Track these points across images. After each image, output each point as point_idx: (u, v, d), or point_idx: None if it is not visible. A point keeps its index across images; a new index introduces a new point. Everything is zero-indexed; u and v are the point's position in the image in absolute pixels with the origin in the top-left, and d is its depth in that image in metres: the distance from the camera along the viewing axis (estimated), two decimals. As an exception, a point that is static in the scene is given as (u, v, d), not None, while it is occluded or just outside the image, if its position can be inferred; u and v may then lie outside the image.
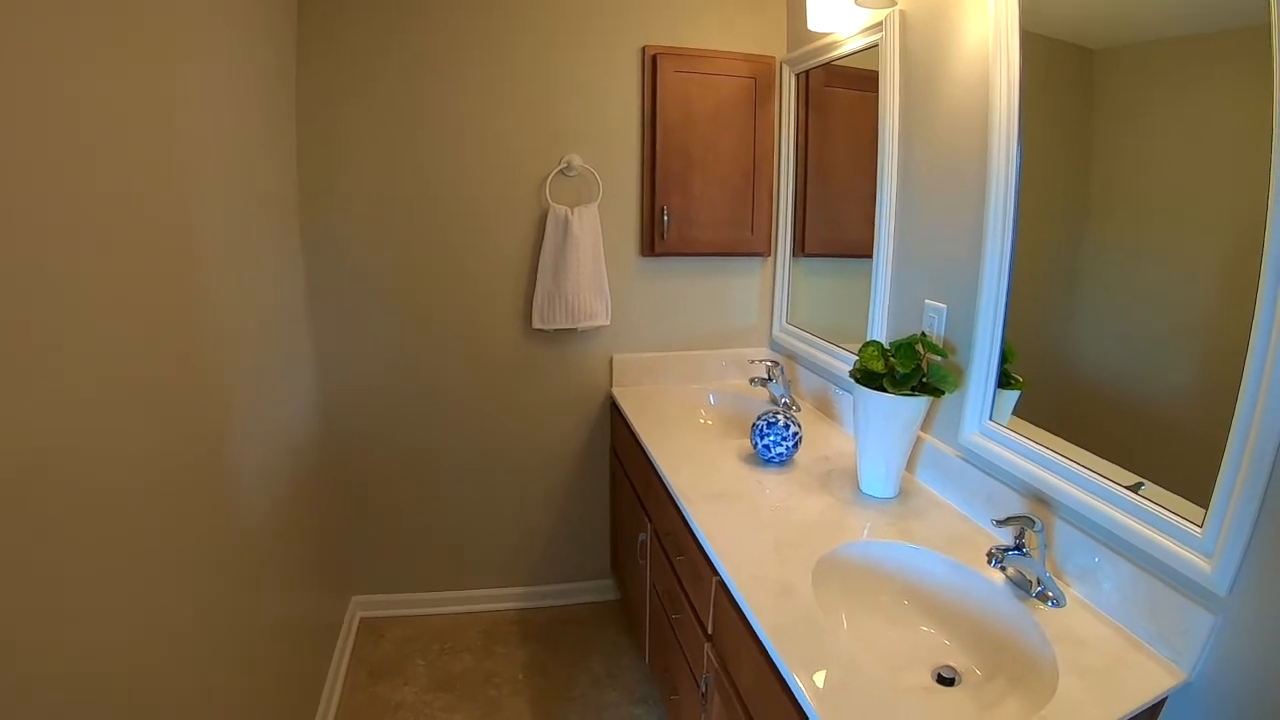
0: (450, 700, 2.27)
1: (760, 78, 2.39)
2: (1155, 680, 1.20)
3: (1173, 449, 1.35)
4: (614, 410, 2.52)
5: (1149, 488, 1.33)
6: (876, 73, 1.99)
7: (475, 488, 2.58)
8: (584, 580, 2.81)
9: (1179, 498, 1.27)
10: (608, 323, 2.40)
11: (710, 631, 1.60)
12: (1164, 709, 1.25)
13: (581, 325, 2.34)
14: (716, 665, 1.55)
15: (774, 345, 2.70)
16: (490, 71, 2.22)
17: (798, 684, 1.15)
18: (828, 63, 2.21)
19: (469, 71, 2.21)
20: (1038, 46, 1.50)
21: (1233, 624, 1.16)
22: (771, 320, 2.70)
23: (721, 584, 1.50)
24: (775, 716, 1.27)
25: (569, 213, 2.22)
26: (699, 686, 1.66)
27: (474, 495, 2.59)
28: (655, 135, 2.31)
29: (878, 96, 1.97)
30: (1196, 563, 1.19)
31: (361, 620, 2.61)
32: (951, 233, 1.76)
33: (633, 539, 2.30)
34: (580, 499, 2.70)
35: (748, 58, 2.38)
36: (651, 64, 2.27)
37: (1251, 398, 1.11)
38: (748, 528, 1.62)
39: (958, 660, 1.40)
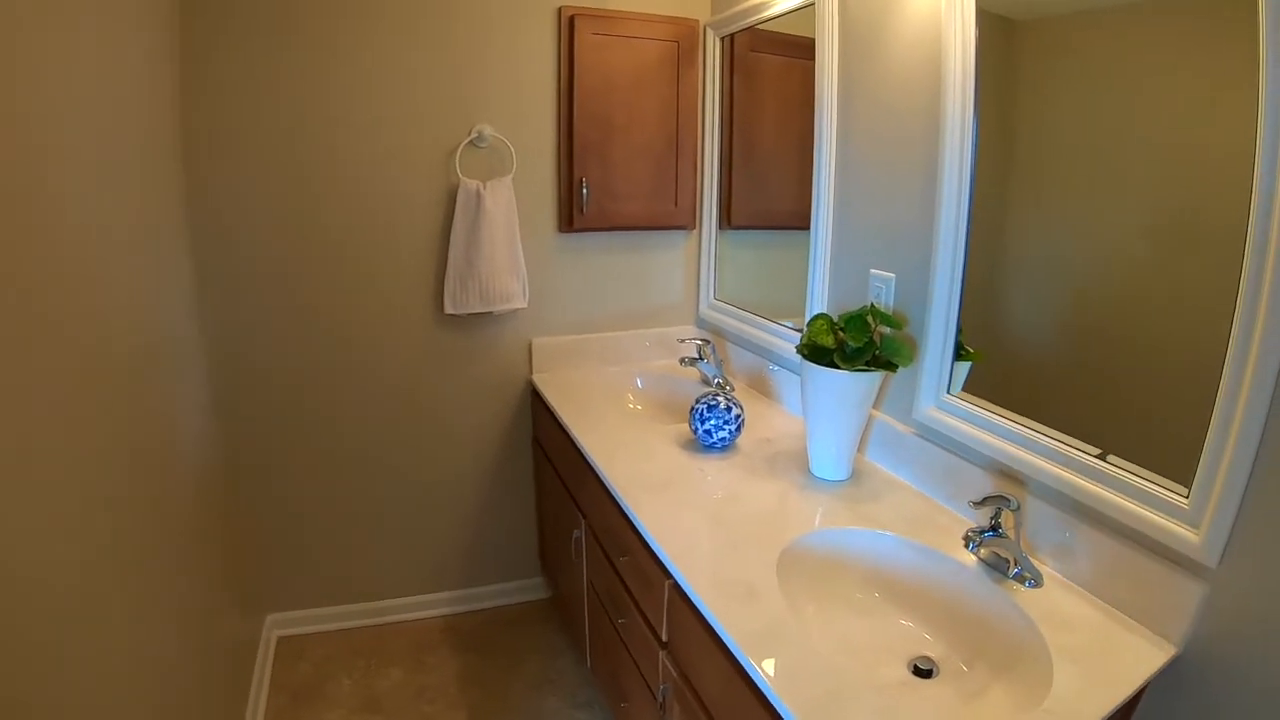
0: None
1: (683, 41, 2.25)
2: (1147, 658, 1.15)
3: (1132, 421, 1.30)
4: (535, 398, 2.35)
5: (1114, 460, 1.27)
6: (805, 38, 1.88)
7: (390, 489, 2.38)
8: (513, 580, 2.65)
9: (1142, 469, 1.22)
10: (525, 305, 2.23)
11: (665, 639, 1.46)
12: (1149, 685, 1.19)
13: (497, 308, 2.15)
14: (675, 675, 1.41)
15: (701, 322, 2.58)
16: (394, 40, 2.00)
17: (780, 700, 1.03)
18: (754, 25, 2.09)
19: (370, 39, 1.98)
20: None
21: (1223, 594, 1.12)
22: (698, 296, 2.57)
23: (676, 588, 1.37)
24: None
25: (481, 187, 2.02)
26: (655, 696, 1.53)
27: (390, 498, 2.39)
28: (573, 102, 2.14)
29: (807, 62, 1.86)
30: (1183, 533, 1.14)
31: (279, 640, 2.38)
32: (899, 198, 1.67)
33: (564, 535, 2.15)
34: (504, 494, 2.53)
35: (670, 20, 2.23)
36: (569, 26, 2.09)
37: (1240, 360, 1.05)
38: (698, 523, 1.49)
39: (935, 650, 1.32)
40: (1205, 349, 1.10)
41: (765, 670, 1.08)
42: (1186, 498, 1.14)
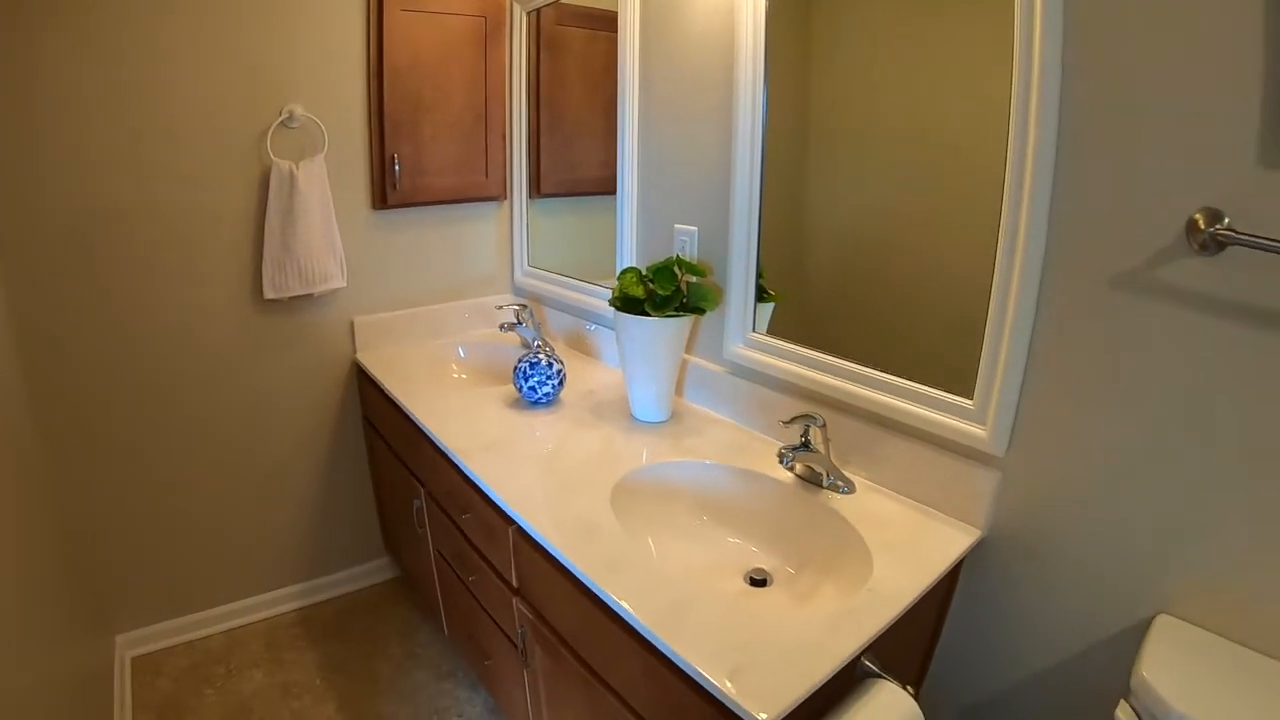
0: None
1: (491, 16, 2.29)
2: (956, 542, 1.35)
3: (918, 345, 1.51)
4: (362, 376, 2.34)
5: (907, 379, 1.47)
6: (608, 11, 1.98)
7: (224, 488, 2.29)
8: (360, 564, 2.63)
9: (930, 385, 1.43)
10: (344, 284, 2.20)
11: (516, 585, 1.54)
12: (962, 568, 1.42)
13: (317, 289, 2.12)
14: (530, 617, 1.50)
15: (517, 290, 2.65)
16: (193, 22, 1.89)
17: (632, 615, 1.14)
18: (567, 2, 2.16)
19: (166, 20, 1.86)
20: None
21: (1014, 478, 1.34)
22: (512, 264, 2.65)
23: (520, 532, 1.45)
24: (610, 651, 1.26)
25: (294, 168, 1.98)
26: (515, 644, 1.61)
27: (224, 496, 2.30)
28: (382, 80, 2.13)
29: (610, 34, 1.96)
30: (973, 430, 1.35)
31: (133, 660, 2.24)
32: (698, 157, 1.81)
33: (404, 509, 2.17)
34: (340, 478, 2.50)
35: None
36: (378, 4, 2.08)
37: (1004, 286, 1.26)
38: (532, 472, 1.58)
39: (766, 562, 1.47)
40: (977, 279, 1.30)
41: (614, 592, 1.18)
42: (971, 399, 1.35)
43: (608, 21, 1.99)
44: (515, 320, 2.36)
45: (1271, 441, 1.02)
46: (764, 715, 0.94)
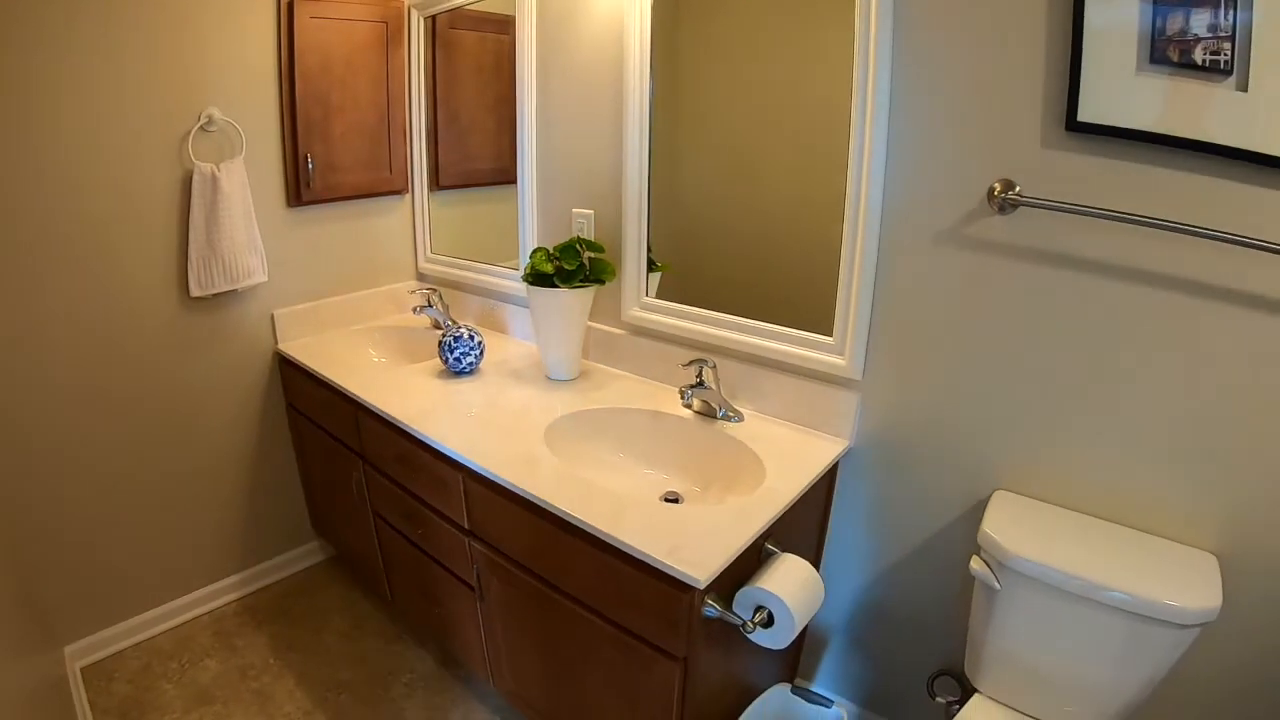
0: (218, 710, 2.13)
1: (391, 21, 2.45)
2: (829, 451, 1.71)
3: (783, 298, 1.84)
4: (286, 366, 2.48)
5: (777, 325, 1.81)
6: (497, 14, 2.22)
7: (156, 486, 2.34)
8: (292, 549, 2.76)
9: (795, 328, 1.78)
10: (265, 279, 2.34)
11: (468, 525, 1.77)
12: (838, 471, 1.79)
13: (241, 285, 2.24)
14: (485, 551, 1.74)
15: (422, 276, 2.86)
16: (107, 31, 1.95)
17: (585, 521, 1.41)
18: (459, 7, 2.35)
19: (84, 29, 1.92)
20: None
21: (870, 397, 1.71)
22: (416, 253, 2.84)
23: (471, 476, 1.69)
24: (563, 560, 1.53)
25: (215, 170, 2.10)
26: (469, 584, 1.84)
27: (155, 495, 2.35)
28: (294, 83, 2.26)
29: (500, 36, 2.20)
30: (835, 360, 1.70)
31: (84, 670, 2.27)
32: (593, 147, 2.08)
33: (340, 486, 2.34)
34: (267, 466, 2.61)
35: (379, 2, 2.41)
36: (288, 10, 2.20)
37: (851, 243, 1.61)
38: (473, 427, 1.81)
39: (678, 486, 1.78)
40: (831, 241, 1.65)
41: (564, 506, 1.45)
42: (832, 336, 1.70)
43: (496, 24, 2.23)
44: (427, 304, 2.56)
45: (1057, 350, 1.43)
46: (701, 575, 1.25)
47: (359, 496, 2.23)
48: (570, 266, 2.01)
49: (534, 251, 2.05)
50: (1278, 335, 1.22)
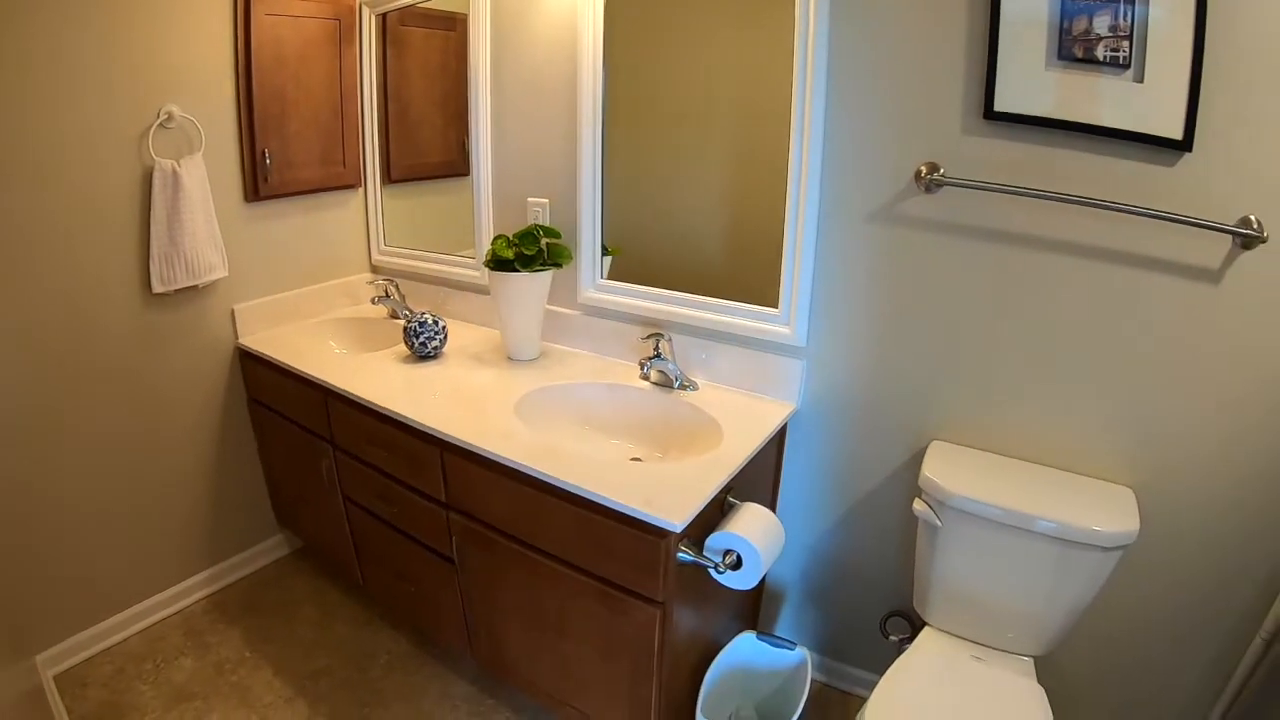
0: (199, 706, 2.15)
1: (344, 19, 2.50)
2: (779, 413, 1.86)
3: (731, 276, 1.99)
4: (247, 360, 2.51)
5: (725, 301, 1.95)
6: (447, 12, 2.32)
7: (120, 488, 2.33)
8: (257, 543, 2.78)
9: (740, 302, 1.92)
10: (226, 274, 2.36)
11: (446, 499, 1.86)
12: (786, 432, 1.94)
13: (202, 280, 2.27)
14: (463, 522, 1.83)
15: (376, 268, 2.91)
16: (64, 31, 1.95)
17: (563, 480, 1.53)
18: (409, 5, 2.42)
19: (39, 29, 1.91)
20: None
21: (814, 363, 1.86)
22: (369, 245, 2.89)
23: (449, 450, 1.78)
24: (541, 520, 1.64)
25: (176, 166, 2.13)
26: (446, 556, 1.92)
27: (121, 497, 2.34)
28: (251, 79, 2.29)
29: (448, 33, 2.30)
30: (781, 329, 1.85)
31: (56, 678, 2.24)
32: (547, 139, 2.19)
33: (307, 477, 2.39)
34: (230, 461, 2.62)
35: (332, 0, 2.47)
36: (245, 8, 2.24)
37: (793, 222, 1.76)
38: (445, 405, 1.90)
39: (640, 452, 1.90)
40: (774, 222, 1.79)
41: (542, 467, 1.56)
42: (777, 308, 1.84)
43: (444, 21, 2.33)
44: (385, 294, 2.63)
45: (982, 312, 1.61)
46: (677, 519, 1.38)
47: (329, 483, 2.28)
48: (530, 252, 2.12)
49: (496, 238, 2.15)
50: (1175, 292, 1.42)
